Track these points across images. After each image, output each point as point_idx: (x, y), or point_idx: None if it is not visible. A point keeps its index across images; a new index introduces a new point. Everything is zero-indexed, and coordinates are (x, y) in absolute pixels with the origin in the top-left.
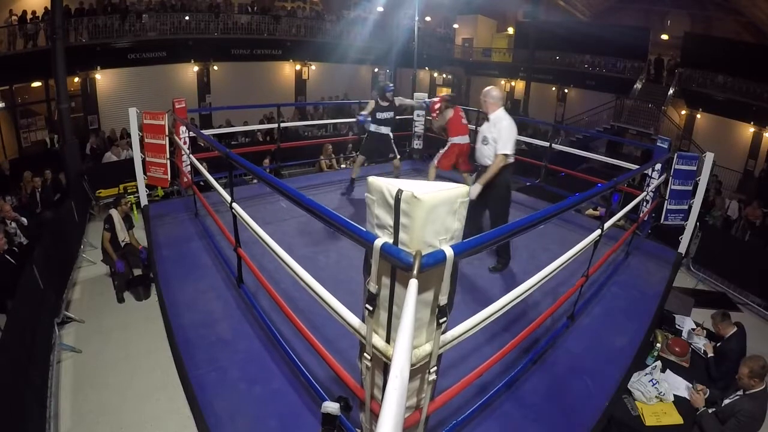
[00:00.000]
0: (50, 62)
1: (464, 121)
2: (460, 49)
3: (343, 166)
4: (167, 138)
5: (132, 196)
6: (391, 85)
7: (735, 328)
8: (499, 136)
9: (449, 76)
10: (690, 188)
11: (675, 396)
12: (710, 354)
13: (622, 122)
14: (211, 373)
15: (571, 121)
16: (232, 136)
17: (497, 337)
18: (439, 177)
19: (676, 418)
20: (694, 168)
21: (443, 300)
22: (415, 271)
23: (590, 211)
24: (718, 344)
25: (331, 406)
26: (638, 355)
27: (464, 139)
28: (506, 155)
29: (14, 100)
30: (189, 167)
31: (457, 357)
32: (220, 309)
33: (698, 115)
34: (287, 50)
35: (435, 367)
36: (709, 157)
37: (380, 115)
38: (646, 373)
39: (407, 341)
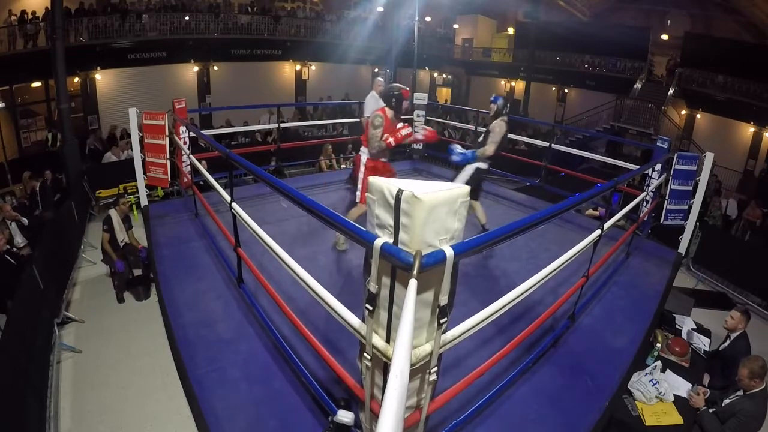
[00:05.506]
0: (50, 62)
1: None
2: (460, 49)
3: (342, 166)
4: (167, 138)
5: (132, 197)
6: (498, 97)
7: (743, 330)
8: None
9: (449, 76)
10: (690, 188)
11: (675, 396)
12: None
13: (622, 122)
14: (211, 373)
15: (571, 121)
16: (232, 137)
17: (497, 337)
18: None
19: (676, 418)
20: (694, 168)
21: (443, 300)
22: (415, 271)
23: (590, 211)
24: (722, 346)
25: (346, 416)
26: (638, 355)
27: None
28: None
29: (14, 100)
30: (189, 167)
31: (457, 357)
32: (220, 309)
33: (698, 115)
34: (287, 50)
35: (435, 367)
36: (709, 157)
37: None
38: (646, 373)
39: (407, 341)
